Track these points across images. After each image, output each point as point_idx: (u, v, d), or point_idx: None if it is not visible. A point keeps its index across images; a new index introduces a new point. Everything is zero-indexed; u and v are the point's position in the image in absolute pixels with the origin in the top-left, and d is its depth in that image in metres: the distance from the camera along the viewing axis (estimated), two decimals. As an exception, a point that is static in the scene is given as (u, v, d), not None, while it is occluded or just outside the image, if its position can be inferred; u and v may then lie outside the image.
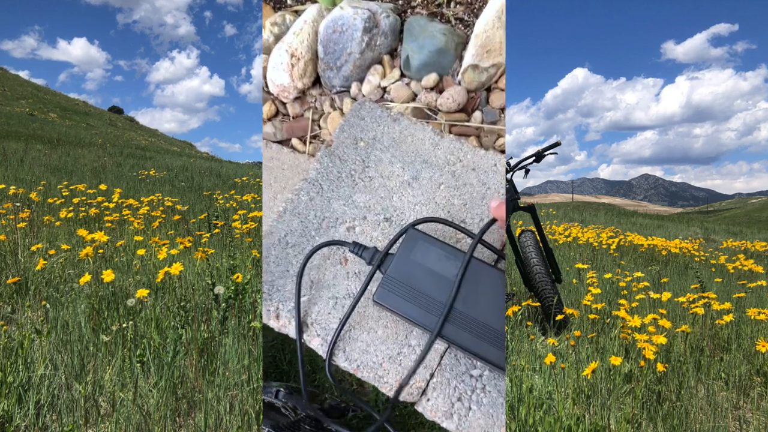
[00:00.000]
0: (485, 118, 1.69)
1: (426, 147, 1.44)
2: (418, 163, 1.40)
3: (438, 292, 1.10)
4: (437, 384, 1.12)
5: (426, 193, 1.35)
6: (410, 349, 1.15)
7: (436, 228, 1.28)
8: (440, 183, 1.37)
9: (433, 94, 1.69)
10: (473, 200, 1.34)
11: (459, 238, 1.28)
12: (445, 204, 1.33)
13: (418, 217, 1.30)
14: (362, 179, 1.37)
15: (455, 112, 1.69)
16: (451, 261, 1.12)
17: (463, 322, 1.08)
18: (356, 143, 1.44)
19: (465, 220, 1.31)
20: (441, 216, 1.31)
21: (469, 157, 1.42)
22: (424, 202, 1.33)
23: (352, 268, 1.24)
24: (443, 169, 1.39)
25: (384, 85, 1.73)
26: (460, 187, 1.36)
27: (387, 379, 1.12)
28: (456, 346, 1.08)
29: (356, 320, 1.17)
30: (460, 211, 1.32)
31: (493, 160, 1.41)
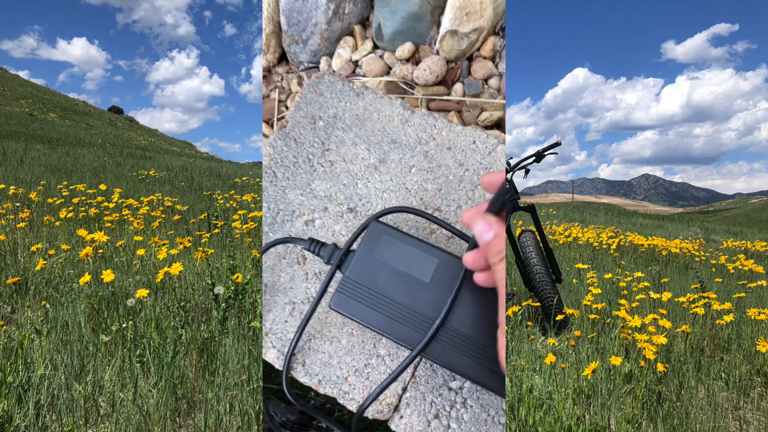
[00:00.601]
0: (467, 91, 1.52)
1: (394, 124, 1.25)
2: (386, 143, 1.22)
3: (407, 297, 0.94)
4: (411, 399, 0.99)
5: (395, 177, 1.18)
6: (379, 359, 1.02)
7: (407, 219, 1.13)
8: (411, 166, 1.19)
9: (408, 66, 1.52)
10: (449, 184, 1.17)
11: (433, 228, 1.12)
12: (417, 190, 1.16)
13: (386, 206, 1.14)
14: (321, 164, 1.20)
15: (433, 85, 1.52)
16: (422, 259, 0.95)
17: (449, 336, 0.91)
18: (314, 123, 1.25)
19: (440, 208, 1.15)
20: (413, 204, 1.15)
21: (443, 135, 1.23)
22: (393, 189, 1.17)
23: (312, 267, 1.10)
24: (414, 149, 1.22)
25: (356, 59, 1.56)
26: (433, 169, 1.19)
27: (353, 395, 0.99)
28: (441, 365, 0.92)
29: (317, 329, 1.05)
30: (435, 197, 1.16)
31: (471, 136, 1.22)
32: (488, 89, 1.54)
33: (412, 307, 0.94)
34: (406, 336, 0.93)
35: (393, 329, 0.94)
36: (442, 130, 1.25)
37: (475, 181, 1.18)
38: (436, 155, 1.21)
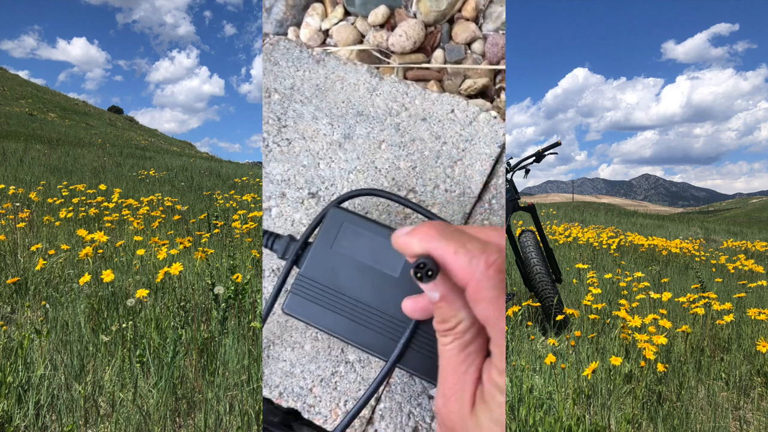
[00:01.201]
0: (448, 57, 1.37)
1: (360, 94, 1.10)
2: (351, 116, 1.08)
3: (374, 296, 0.80)
4: (386, 410, 0.88)
5: (363, 155, 1.04)
6: (348, 367, 0.91)
7: (378, 204, 0.99)
8: (381, 141, 1.05)
9: (383, 33, 1.37)
10: (425, 161, 1.03)
11: (407, 213, 0.99)
12: (389, 169, 1.03)
13: (353, 188, 1.00)
14: (278, 143, 1.06)
15: (411, 53, 1.38)
16: (392, 250, 0.79)
17: (425, 341, 0.78)
18: (269, 96, 1.12)
19: (415, 189, 1.01)
20: (384, 186, 1.01)
21: (417, 104, 1.09)
22: (361, 169, 1.03)
23: (270, 264, 0.99)
24: (384, 122, 1.07)
25: (326, 28, 1.41)
26: (406, 144, 1.05)
27: (319, 408, 0.88)
28: (419, 376, 0.79)
29: (276, 334, 0.94)
30: (409, 176, 1.02)
31: (449, 104, 1.08)
32: (471, 54, 1.38)
33: (381, 308, 0.80)
34: (375, 342, 0.80)
35: (358, 335, 0.80)
36: (415, 99, 1.10)
37: (454, 156, 1.04)
38: (409, 128, 1.07)
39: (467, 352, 0.53)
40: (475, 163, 1.04)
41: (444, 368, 0.55)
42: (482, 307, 0.50)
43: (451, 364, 0.54)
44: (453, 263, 0.50)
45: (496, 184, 1.04)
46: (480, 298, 0.49)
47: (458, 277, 0.50)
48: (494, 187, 1.04)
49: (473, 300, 0.50)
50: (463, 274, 0.49)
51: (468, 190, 1.03)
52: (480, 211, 1.02)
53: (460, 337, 0.53)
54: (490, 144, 1.05)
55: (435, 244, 0.51)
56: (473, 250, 0.49)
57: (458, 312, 0.53)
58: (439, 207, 1.00)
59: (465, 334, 0.54)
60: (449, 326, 0.54)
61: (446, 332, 0.55)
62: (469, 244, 0.49)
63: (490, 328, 0.51)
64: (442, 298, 0.53)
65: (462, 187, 1.03)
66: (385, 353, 0.79)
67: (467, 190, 1.03)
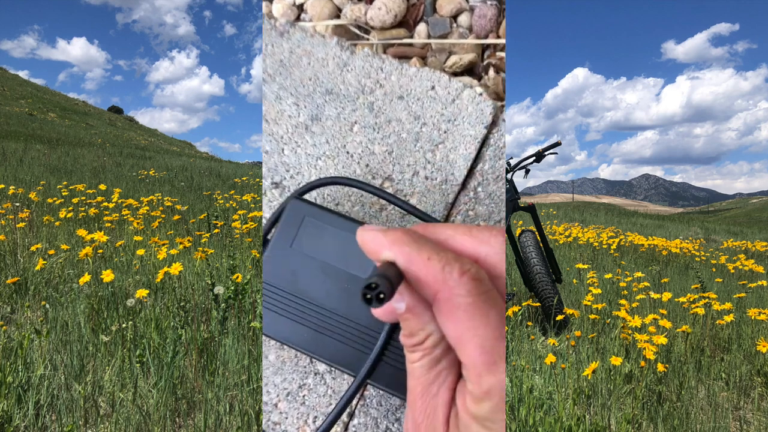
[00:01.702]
0: (432, 32, 1.26)
1: (329, 70, 0.98)
2: (319, 95, 0.96)
3: (340, 301, 0.70)
4: (360, 427, 0.80)
5: (332, 139, 0.93)
6: (317, 378, 0.82)
7: (350, 194, 0.89)
8: (352, 122, 0.94)
9: (361, 6, 1.27)
10: (402, 145, 0.93)
11: (383, 205, 0.89)
12: (362, 154, 0.92)
13: (321, 176, 0.90)
14: None
15: (392, 28, 1.26)
16: (357, 247, 0.67)
17: (401, 353, 0.68)
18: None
19: (391, 176, 0.91)
20: (356, 173, 0.91)
21: (393, 80, 0.97)
22: (330, 154, 0.93)
23: None
24: (356, 101, 0.96)
25: (300, 2, 1.31)
26: (382, 126, 0.94)
27: (285, 426, 0.82)
28: (394, 394, 0.70)
29: None
30: (384, 162, 0.92)
31: (429, 81, 0.97)
32: (457, 29, 1.26)
33: (348, 315, 0.70)
34: (342, 355, 0.70)
35: (323, 347, 0.70)
36: (391, 75, 0.98)
37: (435, 139, 0.94)
38: (384, 107, 0.95)
39: (437, 369, 0.48)
40: (458, 146, 0.94)
41: (413, 390, 0.49)
42: (453, 320, 0.44)
43: (421, 384, 0.49)
44: (423, 270, 0.45)
45: (483, 170, 0.93)
46: (451, 308, 0.44)
47: (429, 284, 0.45)
48: (480, 173, 0.93)
49: (444, 312, 0.45)
50: (433, 281, 0.45)
51: (451, 177, 0.92)
52: (464, 201, 0.92)
53: (430, 353, 0.48)
54: (476, 125, 0.94)
55: (407, 249, 0.46)
56: (448, 257, 0.45)
57: (426, 325, 0.48)
58: (419, 196, 0.91)
59: (435, 349, 0.48)
60: (417, 340, 0.49)
61: (414, 347, 0.49)
62: (443, 253, 0.45)
63: (462, 348, 0.45)
64: (409, 310, 0.48)
65: (444, 174, 0.93)
66: (354, 367, 0.70)
67: (450, 177, 0.92)
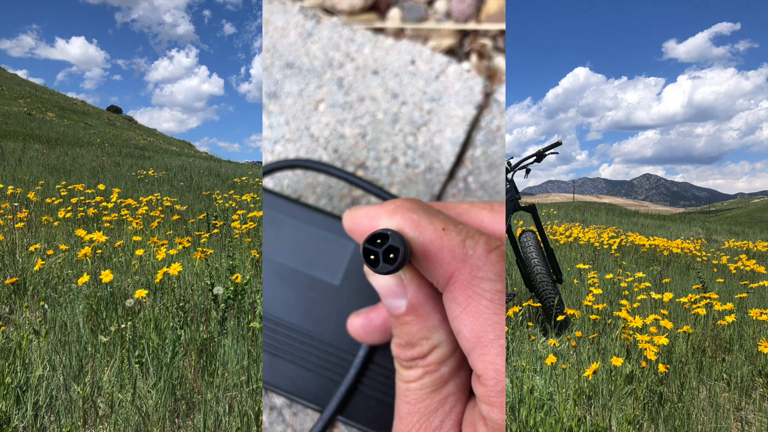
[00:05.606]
0: (406, 16, 1.29)
1: (292, 40, 0.85)
2: (277, 69, 0.83)
3: (302, 316, 0.55)
4: None
5: (293, 119, 0.81)
6: (273, 414, 0.67)
7: (316, 183, 0.78)
8: (317, 100, 0.82)
9: None
10: (378, 127, 0.81)
11: (356, 196, 0.77)
12: (330, 137, 0.81)
13: (282, 159, 0.78)
14: None
15: (362, 12, 1.29)
16: (328, 246, 0.56)
17: (377, 380, 0.52)
18: None
19: (365, 164, 0.79)
20: (323, 159, 0.79)
21: (366, 53, 0.85)
22: (292, 137, 0.81)
23: None
24: (322, 76, 0.83)
25: None
26: (353, 105, 0.82)
27: None
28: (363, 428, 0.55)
29: None
30: (356, 147, 0.80)
31: (408, 54, 0.85)
32: (434, 14, 1.26)
33: (313, 332, 0.54)
34: (305, 385, 0.54)
35: (279, 375, 0.54)
36: (363, 47, 0.85)
37: (417, 121, 0.82)
38: (356, 83, 0.83)
39: (443, 394, 0.34)
40: (444, 129, 0.81)
41: (405, 419, 0.35)
42: (472, 313, 0.31)
43: (418, 412, 0.34)
44: (438, 242, 0.33)
45: (473, 157, 0.81)
46: (471, 295, 0.31)
47: (444, 263, 0.32)
48: (470, 160, 0.81)
49: (460, 300, 0.32)
50: (450, 258, 0.32)
51: (436, 165, 0.81)
52: (452, 192, 0.81)
53: (434, 371, 0.35)
54: (464, 104, 0.82)
55: (414, 216, 0.34)
56: (469, 230, 0.33)
57: (433, 332, 0.34)
58: (399, 187, 0.79)
59: (441, 366, 0.34)
60: (418, 353, 0.35)
61: (412, 362, 0.35)
62: (461, 225, 0.34)
63: (482, 354, 0.32)
64: (411, 309, 0.34)
65: (428, 161, 0.81)
66: (319, 400, 0.54)
67: (435, 165, 0.81)
